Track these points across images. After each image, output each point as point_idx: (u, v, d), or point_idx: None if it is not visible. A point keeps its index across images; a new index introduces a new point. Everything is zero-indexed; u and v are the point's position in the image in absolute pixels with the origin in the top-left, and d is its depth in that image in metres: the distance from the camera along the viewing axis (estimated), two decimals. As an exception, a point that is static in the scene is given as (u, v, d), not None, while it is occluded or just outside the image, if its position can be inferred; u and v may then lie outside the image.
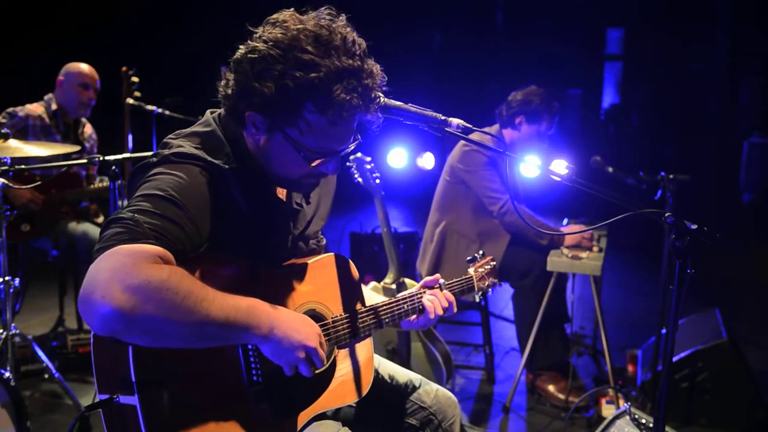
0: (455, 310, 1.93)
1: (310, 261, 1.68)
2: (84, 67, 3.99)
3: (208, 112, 1.63)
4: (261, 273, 1.52)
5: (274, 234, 1.64)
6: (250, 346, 1.44)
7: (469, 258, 2.14)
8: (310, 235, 1.76)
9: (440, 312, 1.88)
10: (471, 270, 2.10)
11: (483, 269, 2.11)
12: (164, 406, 1.31)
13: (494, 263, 2.16)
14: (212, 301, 1.27)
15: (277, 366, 1.44)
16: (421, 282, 1.94)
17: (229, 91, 1.50)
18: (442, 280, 1.95)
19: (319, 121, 1.45)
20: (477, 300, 2.12)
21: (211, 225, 1.42)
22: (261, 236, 1.57)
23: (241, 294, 1.36)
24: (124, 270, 1.19)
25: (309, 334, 1.44)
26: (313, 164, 1.52)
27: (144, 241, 1.26)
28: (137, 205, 1.33)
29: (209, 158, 1.47)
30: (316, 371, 1.49)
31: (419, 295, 1.87)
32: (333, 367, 1.67)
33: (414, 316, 1.86)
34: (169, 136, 1.56)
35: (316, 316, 1.63)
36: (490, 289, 2.13)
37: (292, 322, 1.42)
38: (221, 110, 1.59)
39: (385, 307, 1.79)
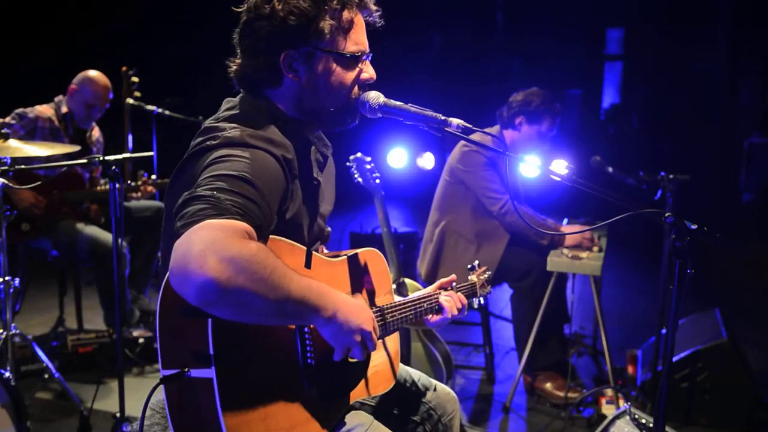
0: (465, 313, 1.98)
1: (353, 253, 1.75)
2: (98, 86, 3.92)
3: (226, 101, 1.68)
4: (313, 260, 1.57)
5: (312, 208, 1.68)
6: (306, 329, 1.48)
7: (469, 266, 2.18)
8: (324, 215, 1.79)
9: (455, 312, 1.93)
10: (473, 277, 2.15)
11: (483, 277, 2.18)
12: (236, 379, 1.34)
13: (489, 273, 2.23)
14: (292, 279, 1.31)
15: (327, 351, 1.48)
16: (437, 283, 1.98)
17: (247, 61, 1.60)
18: (454, 283, 1.99)
19: (339, 25, 1.58)
20: (475, 306, 2.17)
21: (278, 206, 1.47)
22: (305, 212, 1.63)
23: None
24: (218, 242, 1.21)
25: (366, 318, 1.48)
26: (359, 68, 1.63)
27: (229, 216, 1.28)
28: (212, 183, 1.34)
29: (265, 135, 1.51)
30: (363, 358, 1.53)
31: (436, 296, 1.93)
32: (368, 358, 1.72)
33: (431, 316, 1.92)
34: (209, 120, 1.59)
35: None
36: (485, 298, 2.20)
37: (351, 306, 1.46)
38: (239, 97, 1.66)
39: (408, 304, 1.85)
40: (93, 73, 3.95)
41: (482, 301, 2.18)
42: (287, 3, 1.54)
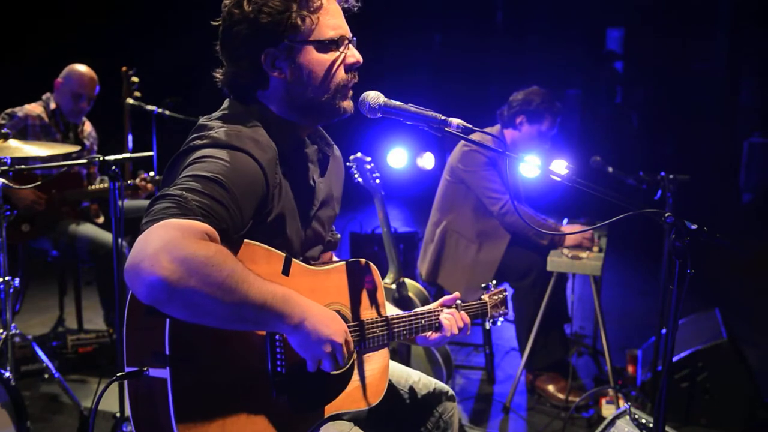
0: (468, 332, 1.95)
1: (341, 263, 1.72)
2: (82, 75, 3.89)
3: (226, 101, 1.69)
4: (293, 267, 1.55)
5: (302, 210, 1.67)
6: (277, 337, 1.47)
7: (483, 285, 2.15)
8: (324, 219, 1.77)
9: (455, 331, 1.90)
10: (485, 297, 2.11)
11: (496, 297, 2.14)
12: (193, 382, 1.34)
13: (506, 293, 2.18)
14: (252, 284, 1.30)
15: (301, 361, 1.46)
16: (440, 300, 1.96)
17: (232, 68, 1.62)
18: (459, 301, 1.97)
19: (311, 18, 1.57)
20: (487, 327, 2.14)
21: (253, 210, 1.47)
22: (294, 215, 1.62)
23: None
24: (173, 242, 1.22)
25: (337, 330, 1.46)
26: (341, 52, 1.61)
27: (192, 217, 1.29)
28: (186, 184, 1.36)
29: (251, 136, 1.52)
30: (338, 371, 1.51)
31: (437, 313, 1.90)
32: (350, 370, 1.69)
33: (430, 333, 1.89)
34: (202, 120, 1.60)
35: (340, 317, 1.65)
36: (500, 319, 2.14)
37: (322, 316, 1.45)
38: (229, 101, 1.68)
39: (404, 319, 1.82)
40: (78, 65, 3.94)
41: (499, 323, 2.12)
42: (256, 3, 1.55)
